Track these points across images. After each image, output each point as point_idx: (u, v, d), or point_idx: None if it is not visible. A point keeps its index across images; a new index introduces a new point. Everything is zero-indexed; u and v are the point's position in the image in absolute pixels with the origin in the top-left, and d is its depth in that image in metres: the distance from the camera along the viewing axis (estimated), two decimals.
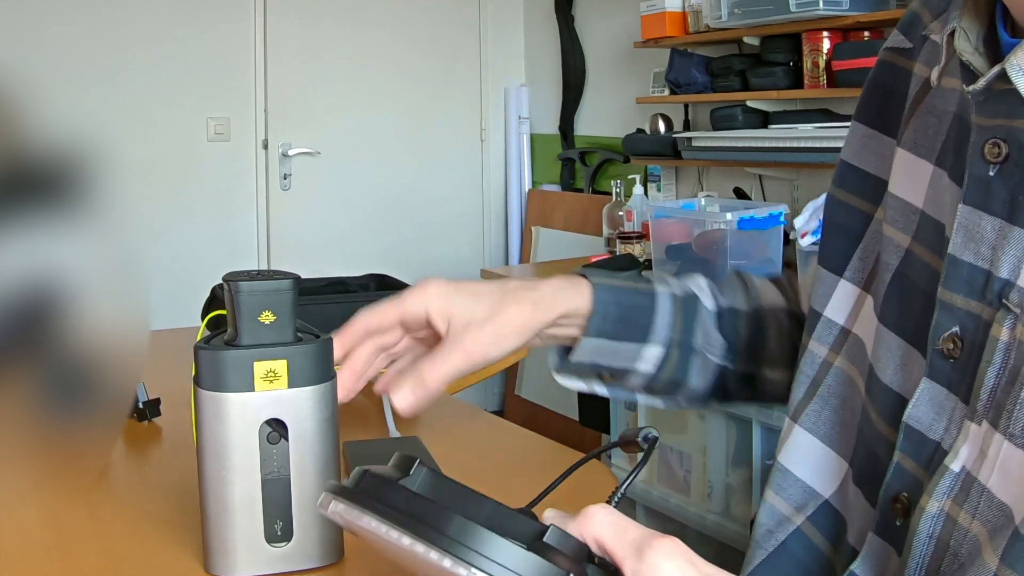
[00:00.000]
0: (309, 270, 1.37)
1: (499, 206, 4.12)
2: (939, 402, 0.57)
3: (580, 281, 0.80)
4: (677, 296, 0.82)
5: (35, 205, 0.97)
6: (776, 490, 0.70)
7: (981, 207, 0.55)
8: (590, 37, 3.77)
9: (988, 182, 0.55)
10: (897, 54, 0.70)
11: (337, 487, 0.50)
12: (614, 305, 0.79)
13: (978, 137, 0.56)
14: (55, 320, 1.00)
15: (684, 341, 0.81)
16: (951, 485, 0.55)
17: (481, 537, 0.45)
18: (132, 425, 1.20)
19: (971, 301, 0.55)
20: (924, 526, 0.56)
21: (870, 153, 0.70)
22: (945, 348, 0.57)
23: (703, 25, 2.93)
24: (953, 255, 0.56)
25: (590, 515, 0.49)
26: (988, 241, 0.55)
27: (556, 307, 0.78)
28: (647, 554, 0.47)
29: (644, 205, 3.05)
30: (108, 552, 0.86)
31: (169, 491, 0.98)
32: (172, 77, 3.46)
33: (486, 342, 0.75)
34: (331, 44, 3.75)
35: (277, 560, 0.79)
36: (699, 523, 2.40)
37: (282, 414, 0.77)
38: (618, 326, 0.79)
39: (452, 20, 3.99)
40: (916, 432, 0.58)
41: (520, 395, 3.84)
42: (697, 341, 0.82)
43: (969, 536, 0.54)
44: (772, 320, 0.85)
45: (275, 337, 0.77)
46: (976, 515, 0.53)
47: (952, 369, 0.57)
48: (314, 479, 0.79)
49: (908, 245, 0.63)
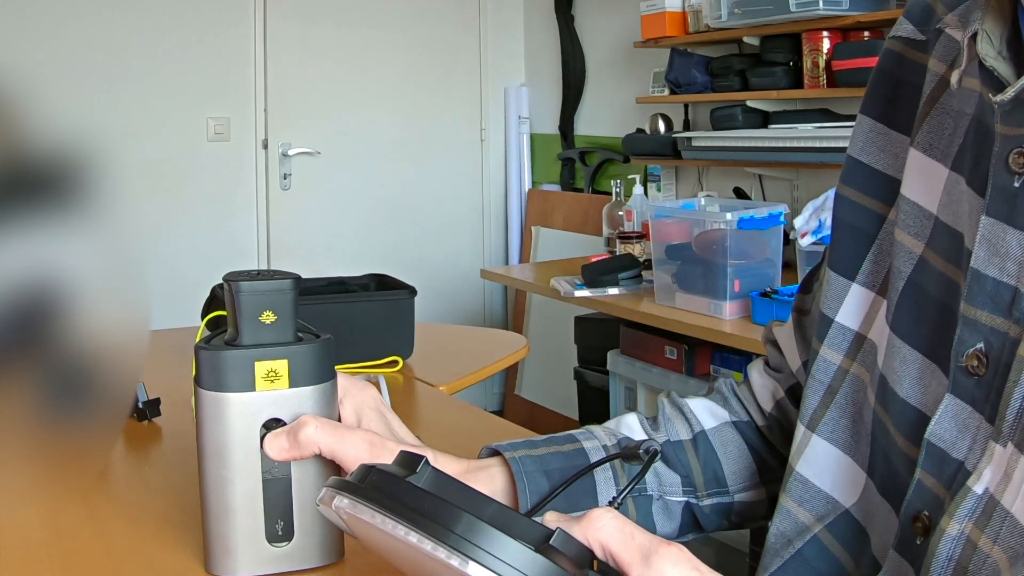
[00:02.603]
0: (309, 270, 1.37)
1: (499, 206, 4.12)
2: (962, 420, 0.55)
3: (490, 462, 0.75)
4: (609, 447, 0.76)
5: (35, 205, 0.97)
6: (797, 500, 0.68)
7: (1006, 220, 0.53)
8: (590, 37, 3.77)
9: (1013, 194, 0.53)
10: (907, 45, 0.67)
11: (340, 482, 0.49)
12: (540, 474, 0.73)
13: (1002, 147, 0.54)
14: (55, 320, 1.00)
15: (635, 491, 0.75)
16: (973, 508, 0.53)
17: (489, 536, 0.45)
18: (132, 425, 1.20)
19: (996, 318, 0.54)
20: (944, 548, 0.54)
21: (877, 148, 0.68)
22: (969, 365, 0.55)
23: (703, 25, 2.93)
24: (977, 269, 0.55)
25: (595, 519, 0.48)
26: (1014, 257, 0.53)
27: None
28: (654, 560, 0.47)
29: (644, 205, 3.05)
30: (108, 552, 0.86)
31: (169, 491, 0.98)
32: (172, 77, 3.46)
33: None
34: (331, 44, 3.75)
35: (278, 560, 0.79)
36: None
37: (283, 414, 0.77)
38: (558, 500, 0.72)
39: (452, 20, 3.99)
40: (938, 450, 0.56)
41: (520, 395, 3.84)
42: (651, 487, 0.76)
43: (989, 562, 0.52)
44: (719, 441, 0.80)
45: (276, 337, 0.77)
46: (997, 540, 0.52)
47: (976, 386, 0.55)
48: (315, 479, 0.79)
49: (922, 252, 0.61)
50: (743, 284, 2.19)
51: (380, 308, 1.53)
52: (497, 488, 0.75)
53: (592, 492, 0.74)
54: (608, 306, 2.47)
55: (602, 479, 0.74)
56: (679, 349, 2.43)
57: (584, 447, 0.76)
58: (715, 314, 2.21)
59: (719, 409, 0.81)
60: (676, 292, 2.32)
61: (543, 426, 3.42)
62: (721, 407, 0.82)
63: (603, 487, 0.74)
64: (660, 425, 0.80)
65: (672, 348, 2.45)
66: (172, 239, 3.42)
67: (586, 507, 0.72)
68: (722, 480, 0.78)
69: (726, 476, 0.79)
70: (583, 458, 0.75)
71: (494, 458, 0.77)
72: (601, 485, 0.74)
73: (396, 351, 1.54)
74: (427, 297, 2.32)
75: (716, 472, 0.78)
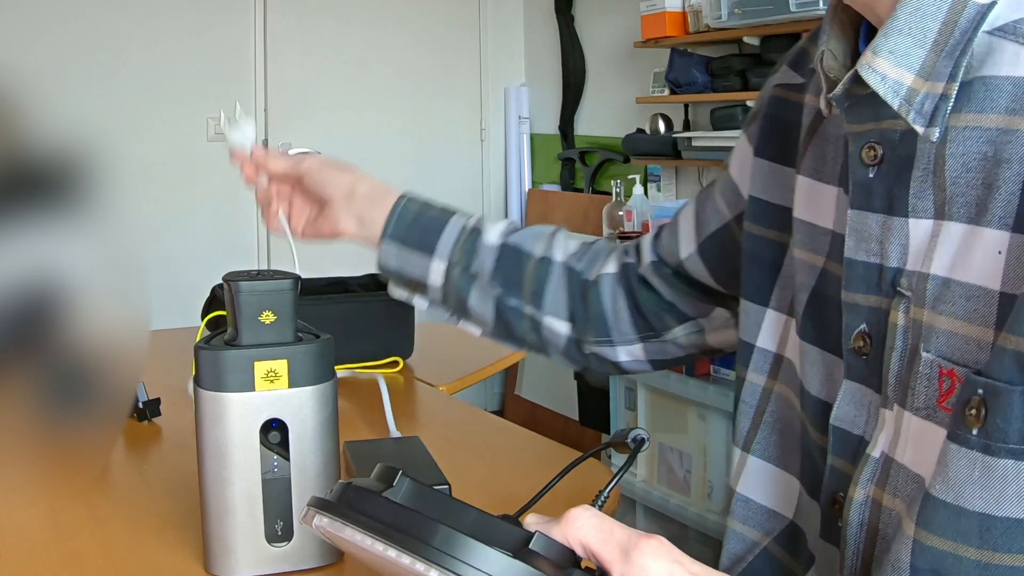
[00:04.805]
0: (309, 270, 1.37)
1: (499, 206, 4.12)
2: (857, 399, 0.60)
3: (392, 194, 0.95)
4: (468, 225, 0.93)
5: (35, 205, 0.97)
6: (741, 520, 0.73)
7: (865, 208, 0.59)
8: (590, 37, 3.77)
9: (869, 184, 0.58)
10: (787, 89, 0.74)
11: (319, 501, 0.49)
12: (410, 214, 0.93)
13: (855, 144, 0.59)
14: (55, 320, 1.00)
15: (464, 263, 0.91)
16: (873, 471, 0.58)
17: (466, 546, 0.45)
18: (132, 425, 1.20)
19: (871, 296, 0.59)
20: (855, 515, 0.58)
21: (776, 187, 0.73)
22: (856, 346, 0.60)
23: (703, 25, 2.93)
24: (850, 258, 0.59)
25: (573, 519, 0.49)
26: (875, 236, 0.58)
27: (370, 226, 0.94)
28: (633, 555, 0.47)
29: (644, 205, 3.05)
30: (108, 552, 0.86)
31: (169, 491, 0.98)
32: (172, 77, 3.46)
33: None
34: (331, 44, 3.75)
35: (277, 560, 0.79)
36: (699, 523, 2.40)
37: (282, 414, 0.77)
38: (410, 233, 0.92)
39: (452, 20, 3.99)
40: (841, 431, 0.61)
41: (520, 395, 3.84)
42: (474, 266, 0.91)
43: (893, 515, 0.56)
44: (561, 273, 0.91)
45: (275, 337, 0.77)
46: (896, 493, 0.56)
47: (864, 365, 0.60)
48: (314, 479, 0.79)
49: (823, 264, 0.66)
50: None
51: (380, 308, 1.53)
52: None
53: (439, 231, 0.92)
54: None
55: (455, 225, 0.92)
56: None
57: (453, 215, 0.94)
58: None
59: (585, 256, 0.93)
60: None
61: (543, 426, 3.42)
62: (594, 256, 0.93)
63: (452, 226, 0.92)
64: (530, 237, 0.93)
65: None
66: (172, 239, 3.42)
67: (429, 245, 0.92)
68: (540, 302, 0.91)
69: (546, 301, 0.91)
70: (443, 218, 0.94)
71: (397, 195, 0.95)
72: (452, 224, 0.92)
73: (396, 351, 1.54)
74: None
75: (538, 293, 0.91)
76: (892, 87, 0.55)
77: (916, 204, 0.56)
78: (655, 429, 2.55)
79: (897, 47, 0.54)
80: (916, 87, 0.54)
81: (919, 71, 0.54)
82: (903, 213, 0.56)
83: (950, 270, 0.53)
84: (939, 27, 0.54)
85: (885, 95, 0.55)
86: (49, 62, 3.19)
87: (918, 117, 0.54)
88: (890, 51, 0.55)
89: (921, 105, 0.54)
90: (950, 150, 0.54)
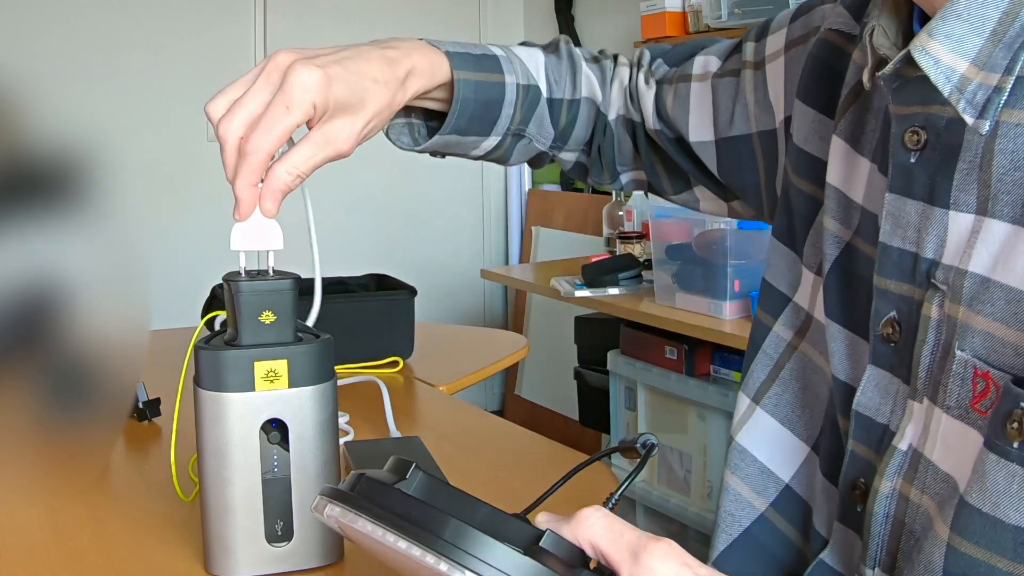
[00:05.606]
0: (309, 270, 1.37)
1: (499, 206, 4.12)
2: (883, 386, 0.59)
3: (444, 66, 0.82)
4: (521, 86, 0.87)
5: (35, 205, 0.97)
6: (734, 470, 0.72)
7: (905, 193, 0.57)
8: (590, 37, 3.77)
9: (910, 169, 0.57)
10: (840, 36, 0.71)
11: (332, 490, 0.49)
12: (472, 103, 0.84)
13: (898, 127, 0.58)
14: (56, 320, 1.00)
15: (518, 131, 0.88)
16: (900, 464, 0.57)
17: (477, 541, 0.45)
18: (132, 425, 1.20)
19: (903, 284, 0.58)
20: (879, 507, 0.58)
21: (819, 138, 0.71)
22: (885, 333, 0.59)
23: (703, 25, 2.93)
24: (884, 243, 0.58)
25: (584, 518, 0.49)
26: (913, 224, 0.57)
27: (410, 96, 0.82)
28: (643, 557, 0.47)
29: (644, 205, 3.04)
30: (108, 552, 0.86)
31: (169, 491, 0.98)
32: (172, 77, 3.46)
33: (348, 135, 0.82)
34: (331, 43, 3.74)
35: (277, 560, 0.79)
36: (699, 523, 2.40)
37: (282, 414, 0.77)
38: (471, 123, 0.85)
39: (452, 20, 3.99)
40: (865, 418, 0.60)
41: (520, 395, 3.84)
42: (530, 130, 0.89)
43: (921, 511, 0.55)
44: (585, 111, 0.91)
45: (275, 337, 0.77)
46: (925, 489, 0.55)
47: (892, 353, 0.59)
48: (314, 479, 0.79)
49: (850, 239, 0.65)
50: (743, 284, 2.19)
51: (380, 308, 1.53)
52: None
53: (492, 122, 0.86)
54: (608, 306, 2.47)
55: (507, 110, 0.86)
56: (679, 349, 2.43)
57: (506, 81, 0.86)
58: (715, 314, 2.21)
59: (596, 88, 0.92)
60: (676, 292, 2.32)
61: (543, 426, 3.42)
62: (598, 86, 0.92)
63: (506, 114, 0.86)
64: (558, 73, 0.90)
65: (672, 348, 2.45)
66: (172, 239, 3.42)
67: (483, 135, 0.86)
68: (566, 139, 0.92)
69: (571, 138, 0.92)
70: (500, 91, 0.86)
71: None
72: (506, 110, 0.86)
73: (396, 351, 1.54)
74: (427, 297, 2.32)
75: (566, 133, 0.91)
76: (944, 73, 0.53)
77: (958, 197, 0.54)
78: (655, 429, 2.55)
79: (954, 32, 0.52)
80: (969, 75, 0.52)
81: (974, 59, 0.52)
82: (944, 204, 0.55)
83: (991, 270, 0.52)
84: (999, 16, 0.52)
85: (936, 80, 0.53)
86: (49, 62, 3.19)
87: (968, 107, 0.52)
88: (946, 35, 0.53)
89: (973, 95, 0.52)
90: (999, 145, 0.52)
